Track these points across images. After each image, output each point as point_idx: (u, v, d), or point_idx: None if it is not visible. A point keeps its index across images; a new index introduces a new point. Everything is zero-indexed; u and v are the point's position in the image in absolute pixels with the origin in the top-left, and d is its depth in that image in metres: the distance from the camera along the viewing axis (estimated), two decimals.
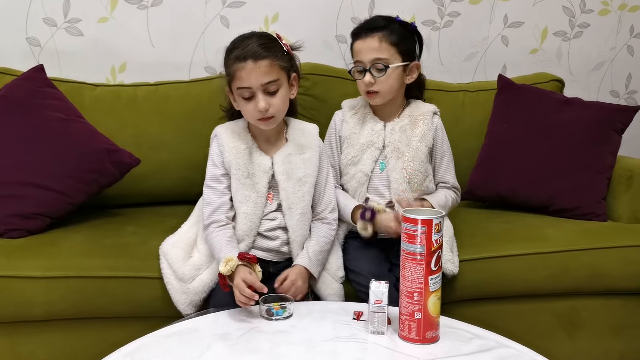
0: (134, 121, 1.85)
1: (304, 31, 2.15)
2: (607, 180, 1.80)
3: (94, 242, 1.52)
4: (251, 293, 1.19)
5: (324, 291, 1.42)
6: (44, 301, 1.39)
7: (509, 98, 1.93)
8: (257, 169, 1.40)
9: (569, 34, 2.38)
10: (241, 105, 1.38)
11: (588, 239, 1.57)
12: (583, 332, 1.59)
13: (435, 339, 1.12)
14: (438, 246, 1.10)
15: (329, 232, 1.46)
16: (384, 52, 1.45)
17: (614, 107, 1.87)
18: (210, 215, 1.39)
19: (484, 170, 1.86)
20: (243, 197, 1.39)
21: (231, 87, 1.38)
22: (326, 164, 1.49)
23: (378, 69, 1.46)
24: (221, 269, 1.23)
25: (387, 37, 1.45)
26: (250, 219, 1.39)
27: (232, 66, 1.33)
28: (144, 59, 2.11)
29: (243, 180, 1.38)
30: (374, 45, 1.46)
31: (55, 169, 1.59)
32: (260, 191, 1.39)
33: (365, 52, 1.47)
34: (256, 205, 1.39)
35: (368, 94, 1.50)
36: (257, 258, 1.28)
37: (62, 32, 2.06)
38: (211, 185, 1.41)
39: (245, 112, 1.38)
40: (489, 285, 1.52)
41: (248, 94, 1.34)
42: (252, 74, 1.31)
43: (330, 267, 1.45)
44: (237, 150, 1.39)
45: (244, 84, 1.33)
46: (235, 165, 1.39)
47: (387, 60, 1.45)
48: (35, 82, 1.72)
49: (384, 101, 1.51)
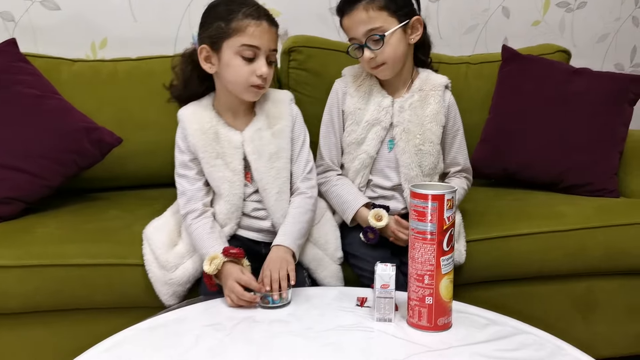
0: (115, 98, 1.75)
1: (296, 3, 2.08)
2: (619, 154, 1.72)
3: (73, 227, 1.43)
4: (252, 297, 1.12)
5: (320, 273, 1.34)
6: (19, 292, 1.31)
7: (514, 69, 1.84)
8: (226, 146, 1.30)
9: (572, 4, 2.32)
10: (234, 65, 1.25)
11: (605, 216, 1.50)
12: (599, 314, 1.53)
13: (448, 325, 1.04)
14: (450, 224, 1.01)
15: (304, 200, 1.34)
16: (375, 21, 1.32)
17: (627, 76, 1.79)
18: (185, 205, 1.31)
19: (490, 146, 1.78)
20: (218, 178, 1.30)
21: (221, 44, 1.26)
22: (301, 133, 1.38)
23: (374, 41, 1.33)
24: (206, 269, 1.17)
25: (373, 3, 1.32)
26: (230, 201, 1.30)
27: (241, 20, 1.23)
28: (126, 34, 2.02)
29: (213, 162, 1.29)
30: (361, 17, 1.32)
31: (29, 149, 1.50)
32: (235, 169, 1.30)
33: (355, 27, 1.34)
34: (233, 184, 1.30)
35: (374, 69, 1.37)
36: (244, 252, 1.20)
37: (38, 5, 1.96)
38: (181, 172, 1.33)
39: (239, 74, 1.26)
40: (500, 266, 1.45)
41: (251, 55, 1.25)
42: (265, 35, 1.25)
43: (328, 247, 1.36)
44: (201, 130, 1.30)
45: (254, 42, 1.24)
46: (201, 148, 1.29)
47: (381, 29, 1.32)
48: (6, 56, 1.61)
49: (394, 71, 1.38)
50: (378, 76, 1.41)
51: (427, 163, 1.39)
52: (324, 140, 1.45)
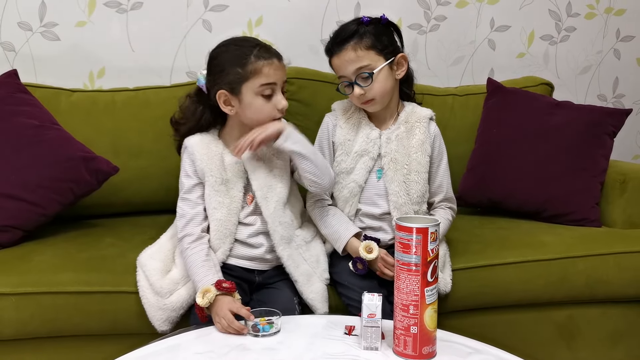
0: (112, 128, 1.79)
1: (288, 35, 2.13)
2: (601, 185, 1.77)
3: (69, 255, 1.45)
4: (241, 326, 1.16)
5: (307, 288, 1.37)
6: (14, 319, 1.32)
7: (499, 102, 1.90)
8: (230, 174, 1.36)
9: (555, 37, 2.38)
10: (256, 105, 1.33)
11: (586, 245, 1.54)
12: (582, 342, 1.56)
13: (432, 354, 1.06)
14: (434, 256, 1.04)
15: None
16: (363, 60, 1.38)
17: (606, 110, 1.85)
18: (184, 227, 1.35)
19: (475, 176, 1.82)
20: (216, 203, 1.34)
21: (240, 88, 1.32)
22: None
23: (364, 78, 1.39)
24: (199, 301, 1.20)
25: (360, 43, 1.38)
26: (224, 225, 1.34)
27: (255, 63, 1.31)
28: (124, 64, 2.06)
29: (217, 187, 1.35)
30: (350, 57, 1.39)
31: (28, 178, 1.52)
32: (234, 196, 1.35)
33: (344, 66, 1.40)
34: (230, 211, 1.35)
35: (364, 104, 1.44)
36: (235, 286, 1.24)
37: (38, 36, 2.00)
38: (184, 197, 1.38)
39: (262, 111, 1.34)
40: (485, 294, 1.48)
41: (270, 92, 1.33)
42: (279, 72, 1.34)
43: (318, 266, 1.41)
44: (209, 156, 1.36)
45: (271, 80, 1.32)
46: (209, 172, 1.35)
47: (369, 67, 1.39)
48: (7, 87, 1.65)
49: (382, 105, 1.44)
50: (368, 110, 1.46)
51: (414, 191, 1.43)
52: None
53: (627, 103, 2.48)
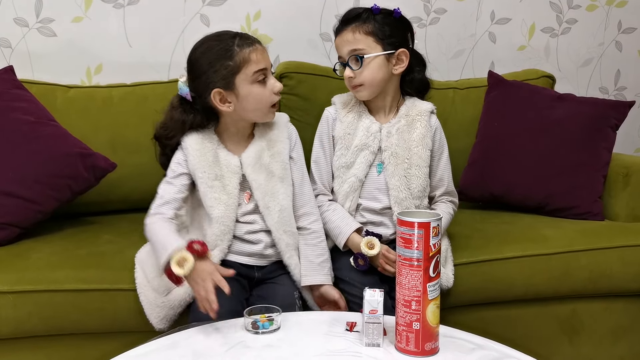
0: (109, 124, 1.77)
1: (287, 29, 2.12)
2: (603, 178, 1.76)
3: (67, 252, 1.44)
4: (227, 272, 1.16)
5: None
6: (12, 317, 1.31)
7: (500, 95, 1.88)
8: (225, 170, 1.34)
9: (556, 30, 2.36)
10: (255, 93, 1.31)
11: (589, 239, 1.53)
12: (585, 336, 1.55)
13: (435, 350, 1.05)
14: (436, 251, 1.03)
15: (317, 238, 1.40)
16: (359, 43, 1.39)
17: (609, 102, 1.84)
18: (159, 207, 1.31)
19: (477, 170, 1.80)
20: (213, 200, 1.32)
21: (233, 81, 1.30)
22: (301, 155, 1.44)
23: (355, 61, 1.40)
24: (178, 271, 1.15)
25: (361, 27, 1.39)
26: (223, 222, 1.32)
27: (241, 52, 1.29)
28: (121, 59, 2.04)
29: (211, 183, 1.32)
30: (348, 37, 1.40)
31: (24, 175, 1.51)
32: (231, 192, 1.33)
33: (341, 46, 1.42)
34: (228, 207, 1.32)
35: (353, 88, 1.44)
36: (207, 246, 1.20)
37: (34, 32, 1.98)
38: (169, 181, 1.35)
39: (261, 98, 1.33)
40: (487, 289, 1.47)
41: (263, 77, 1.32)
42: (264, 55, 1.33)
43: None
44: (202, 152, 1.34)
45: (261, 65, 1.31)
46: (200, 169, 1.32)
47: (362, 51, 1.38)
48: (3, 84, 1.63)
49: (371, 94, 1.43)
50: (356, 96, 1.46)
51: (415, 186, 1.42)
52: (315, 165, 1.48)
53: (629, 95, 2.47)
